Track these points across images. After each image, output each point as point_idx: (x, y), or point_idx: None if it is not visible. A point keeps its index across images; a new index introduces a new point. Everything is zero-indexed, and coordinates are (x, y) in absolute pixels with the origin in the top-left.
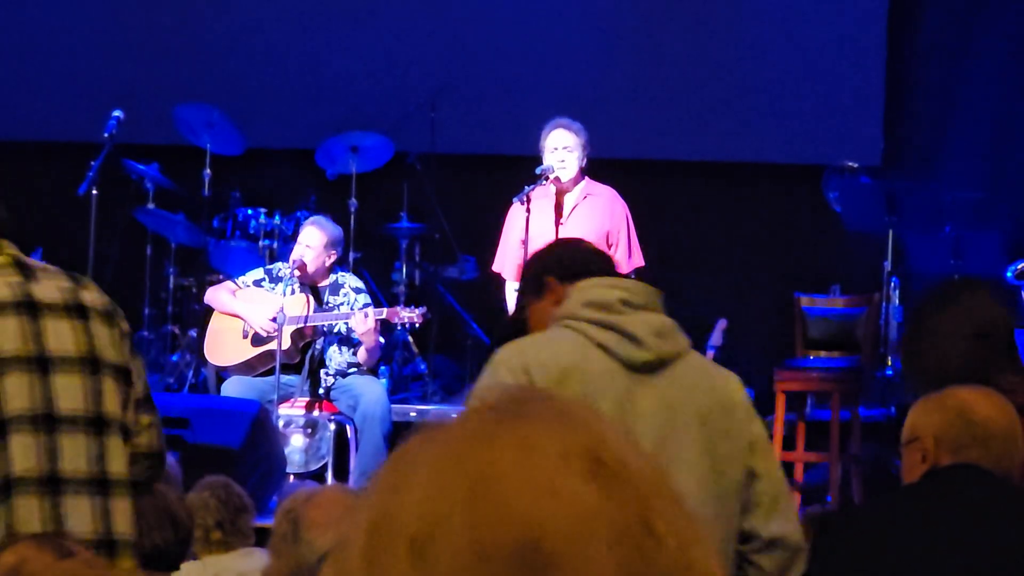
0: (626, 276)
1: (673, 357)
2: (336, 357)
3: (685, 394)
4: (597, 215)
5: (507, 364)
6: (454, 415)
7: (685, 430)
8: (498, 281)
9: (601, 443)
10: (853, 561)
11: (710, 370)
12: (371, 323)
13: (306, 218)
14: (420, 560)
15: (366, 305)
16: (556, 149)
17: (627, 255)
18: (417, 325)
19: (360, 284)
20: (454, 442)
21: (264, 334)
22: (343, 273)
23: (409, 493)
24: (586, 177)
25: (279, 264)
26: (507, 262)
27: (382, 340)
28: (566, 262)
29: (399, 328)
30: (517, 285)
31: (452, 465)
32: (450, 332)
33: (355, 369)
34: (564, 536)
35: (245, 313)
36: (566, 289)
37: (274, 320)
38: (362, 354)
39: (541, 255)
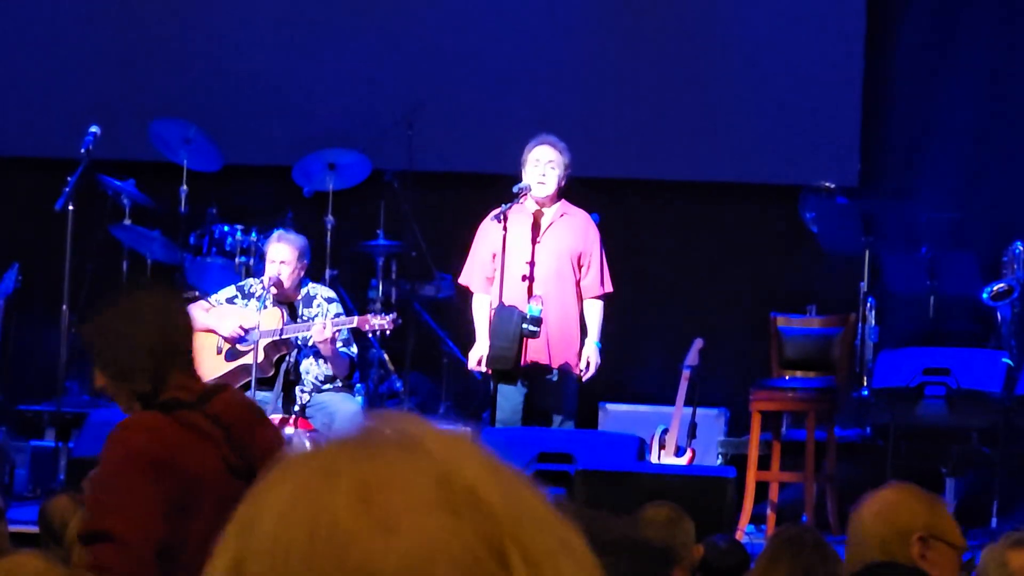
0: (598, 298)
1: None
2: (312, 370)
3: None
4: (571, 235)
5: None
6: (308, 447)
7: None
8: (465, 294)
9: (453, 470)
10: None
11: None
12: (328, 332)
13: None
14: None
15: (338, 315)
16: (539, 162)
17: (598, 280)
18: (388, 332)
19: (331, 294)
20: (298, 481)
21: (232, 340)
22: (313, 284)
23: (256, 536)
24: (563, 199)
25: (251, 280)
26: (475, 275)
27: (355, 351)
28: None
29: (372, 338)
30: (484, 297)
31: (292, 508)
32: (426, 350)
33: (330, 385)
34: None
35: (214, 324)
36: None
37: (243, 339)
38: (330, 364)
39: None
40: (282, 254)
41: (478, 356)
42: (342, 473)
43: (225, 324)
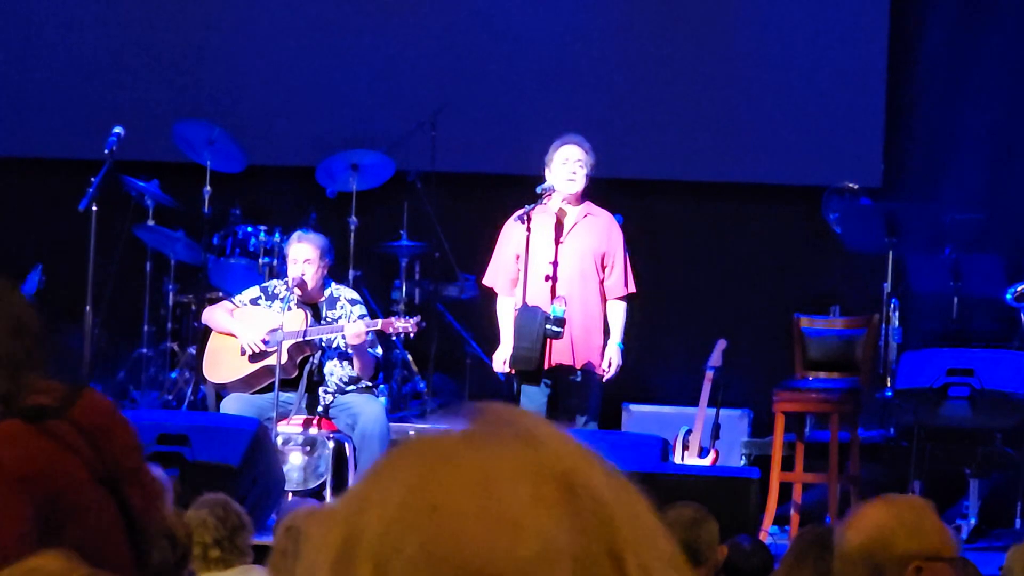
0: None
1: None
2: (336, 371)
3: None
4: (595, 236)
5: None
6: (433, 431)
7: None
8: (489, 294)
9: (573, 469)
10: None
11: None
12: (362, 336)
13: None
14: None
15: (362, 316)
16: (568, 161)
17: (622, 280)
18: (412, 335)
19: (355, 295)
20: (420, 464)
21: (250, 351)
22: (336, 286)
23: (375, 513)
24: (587, 199)
25: (274, 282)
26: (499, 276)
27: (380, 352)
28: None
29: (396, 339)
30: (508, 299)
31: (413, 493)
32: (449, 350)
33: (354, 386)
34: (522, 572)
35: (237, 331)
36: None
37: (266, 342)
38: (356, 364)
39: None
40: (305, 253)
41: (503, 358)
42: (465, 461)
43: (249, 333)
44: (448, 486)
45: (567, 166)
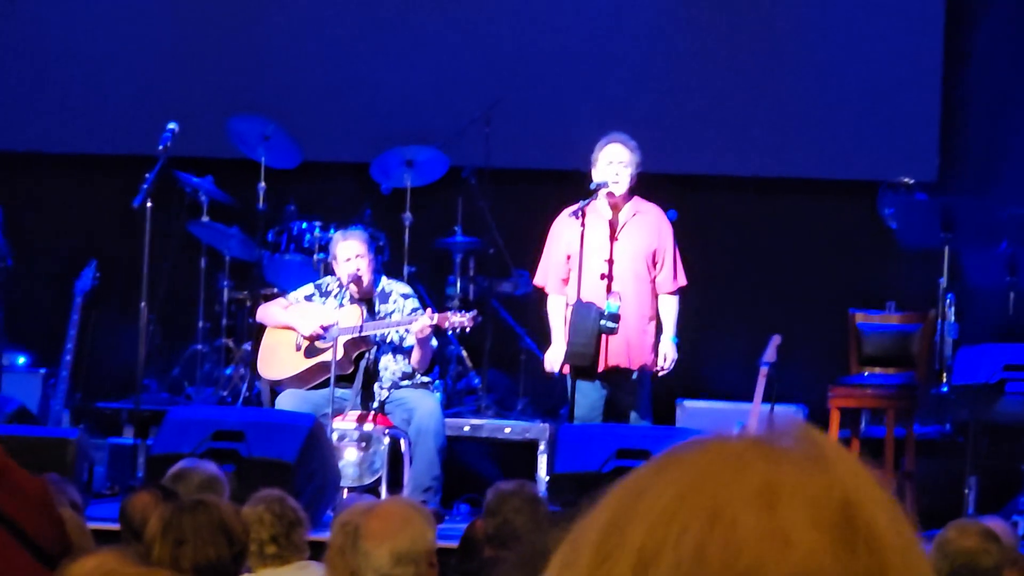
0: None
1: None
2: (390, 367)
3: None
4: (646, 233)
5: None
6: (706, 440)
7: None
8: (542, 291)
9: (857, 500)
10: None
11: None
12: (427, 328)
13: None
14: (642, 573)
15: (415, 310)
16: (611, 163)
17: (672, 275)
18: (468, 329)
19: (407, 289)
20: (703, 468)
21: (313, 338)
22: (388, 280)
23: (647, 506)
24: (635, 195)
25: (328, 279)
26: (550, 276)
27: (435, 344)
28: None
29: (450, 335)
30: (559, 299)
31: (695, 491)
32: (504, 346)
33: (408, 381)
34: None
35: (294, 322)
36: None
37: (321, 338)
38: (415, 357)
39: None
40: (355, 249)
41: (554, 358)
42: (751, 469)
43: (305, 322)
44: (731, 492)
45: (611, 167)
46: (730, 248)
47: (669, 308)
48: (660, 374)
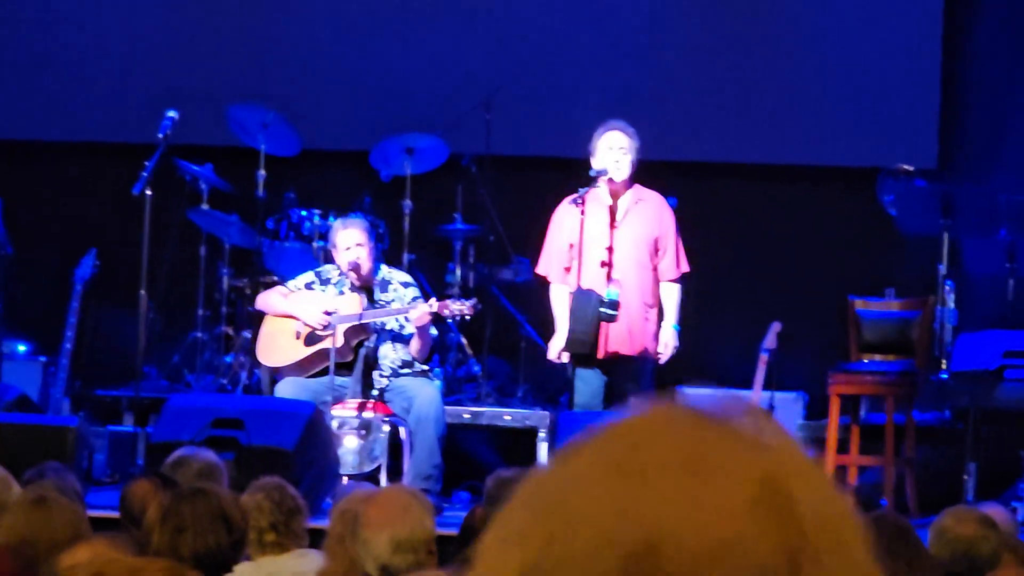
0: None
1: None
2: (390, 355)
3: None
4: (648, 220)
5: None
6: (644, 410)
7: None
8: (543, 279)
9: (778, 473)
10: None
11: None
12: (426, 316)
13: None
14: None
15: (415, 299)
16: (611, 149)
17: (674, 262)
18: (468, 317)
19: (408, 278)
20: (635, 433)
21: (319, 327)
22: (388, 268)
23: (576, 466)
24: (635, 183)
25: (328, 267)
26: (552, 265)
27: (435, 332)
28: None
29: (450, 322)
30: (562, 287)
31: (624, 456)
32: (504, 334)
33: (408, 369)
34: (688, 549)
35: (297, 311)
36: None
37: (327, 313)
38: (414, 345)
39: None
40: (356, 237)
41: (558, 346)
42: (681, 437)
43: (308, 311)
44: (657, 457)
45: (611, 154)
46: (730, 235)
47: (671, 295)
48: (661, 361)
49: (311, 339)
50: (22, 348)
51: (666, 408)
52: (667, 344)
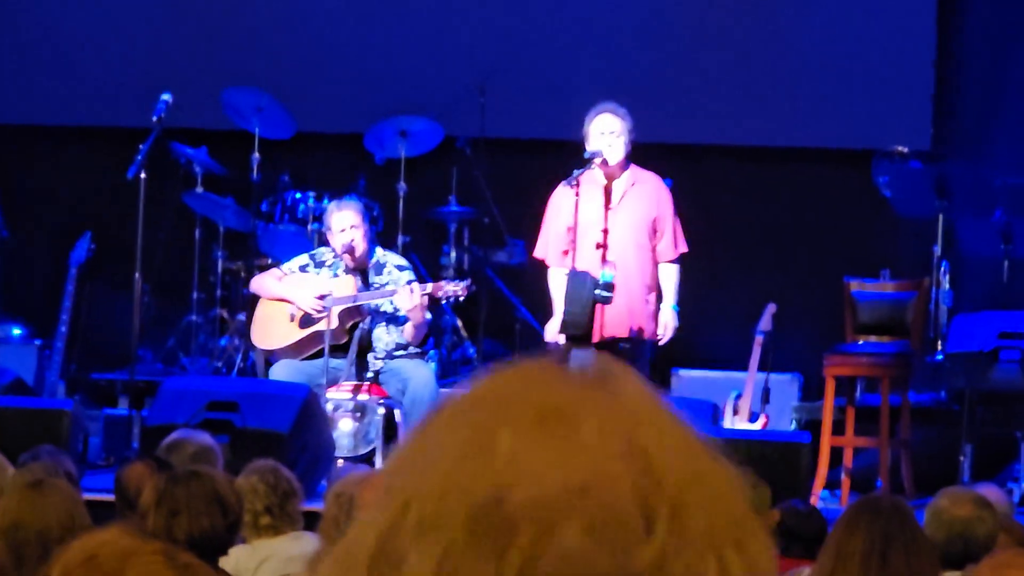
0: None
1: None
2: (384, 337)
3: None
4: (645, 204)
5: None
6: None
7: None
8: (539, 261)
9: (634, 425)
10: None
11: None
12: (417, 299)
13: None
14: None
15: (410, 282)
16: (603, 134)
17: (672, 243)
18: (462, 298)
19: (403, 261)
20: (490, 390)
21: (314, 313)
22: (382, 251)
23: (423, 436)
24: (631, 164)
25: (322, 249)
26: (550, 248)
27: (429, 316)
28: None
29: (445, 305)
30: (560, 271)
31: (477, 413)
32: (499, 316)
33: (403, 351)
34: (534, 497)
35: (291, 295)
36: None
37: (321, 297)
38: (408, 331)
39: None
40: (350, 219)
41: (556, 329)
42: (535, 391)
43: (302, 296)
44: (510, 412)
45: (604, 138)
46: (725, 217)
47: (669, 277)
48: (660, 343)
49: (305, 322)
50: (17, 331)
51: (524, 367)
52: (667, 325)
